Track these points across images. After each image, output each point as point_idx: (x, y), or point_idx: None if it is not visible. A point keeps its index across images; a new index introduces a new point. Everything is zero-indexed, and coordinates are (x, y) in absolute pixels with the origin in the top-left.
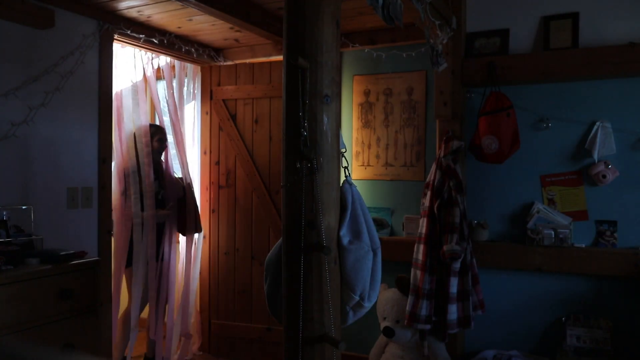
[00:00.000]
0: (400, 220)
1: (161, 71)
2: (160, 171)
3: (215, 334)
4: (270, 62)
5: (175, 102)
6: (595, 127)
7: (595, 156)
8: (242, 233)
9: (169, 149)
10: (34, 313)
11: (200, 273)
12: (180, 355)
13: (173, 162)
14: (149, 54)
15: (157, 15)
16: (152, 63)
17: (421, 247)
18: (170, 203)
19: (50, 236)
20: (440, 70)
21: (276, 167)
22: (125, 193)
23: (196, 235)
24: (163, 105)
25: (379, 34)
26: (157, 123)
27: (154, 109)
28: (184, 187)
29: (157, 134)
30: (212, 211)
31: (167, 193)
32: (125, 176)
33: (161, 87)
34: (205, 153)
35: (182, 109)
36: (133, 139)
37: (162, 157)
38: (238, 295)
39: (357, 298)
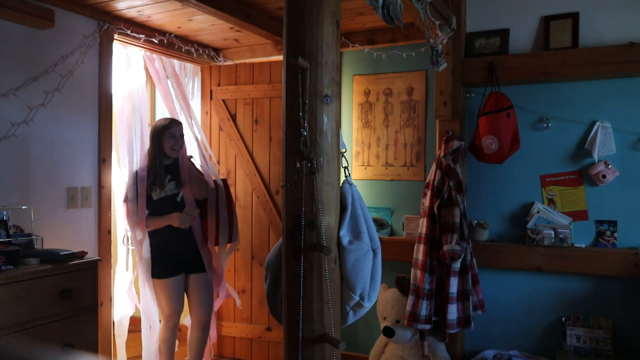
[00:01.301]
0: (400, 220)
1: (166, 70)
2: (177, 170)
3: (216, 334)
4: (270, 62)
5: (186, 99)
6: (595, 127)
7: (595, 156)
8: (242, 233)
9: (185, 145)
10: (34, 313)
11: None
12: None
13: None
14: (147, 52)
15: (157, 15)
16: (161, 61)
17: (421, 247)
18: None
19: (50, 236)
20: (440, 70)
21: (276, 167)
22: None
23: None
24: (175, 103)
25: (379, 34)
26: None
27: (153, 109)
28: (211, 188)
29: (169, 127)
30: None
31: (187, 194)
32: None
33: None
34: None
35: (190, 106)
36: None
37: (184, 154)
38: (238, 295)
39: (357, 298)
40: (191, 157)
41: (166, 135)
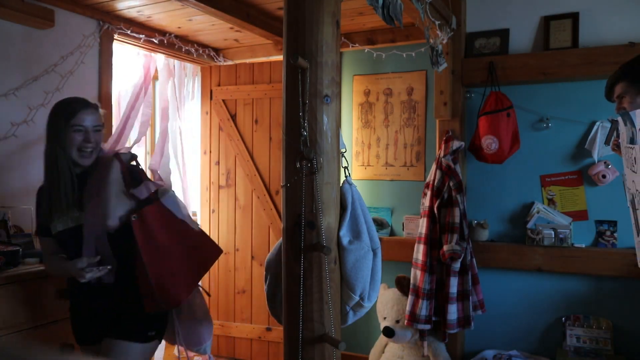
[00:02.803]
0: (400, 220)
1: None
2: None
3: (215, 334)
4: (270, 62)
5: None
6: (595, 127)
7: (595, 156)
8: (242, 233)
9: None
10: (33, 313)
11: None
12: None
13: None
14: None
15: (157, 15)
16: (168, 62)
17: (421, 247)
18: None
19: None
20: (440, 70)
21: (276, 167)
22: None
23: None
24: (171, 103)
25: (379, 34)
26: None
27: (153, 109)
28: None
29: (73, 115)
30: (212, 211)
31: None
32: None
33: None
34: (205, 153)
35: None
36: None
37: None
38: (238, 295)
39: (357, 298)
40: (133, 156)
41: (70, 128)
